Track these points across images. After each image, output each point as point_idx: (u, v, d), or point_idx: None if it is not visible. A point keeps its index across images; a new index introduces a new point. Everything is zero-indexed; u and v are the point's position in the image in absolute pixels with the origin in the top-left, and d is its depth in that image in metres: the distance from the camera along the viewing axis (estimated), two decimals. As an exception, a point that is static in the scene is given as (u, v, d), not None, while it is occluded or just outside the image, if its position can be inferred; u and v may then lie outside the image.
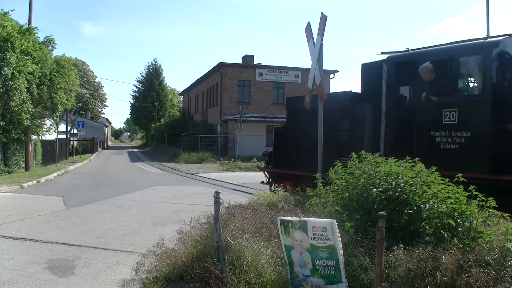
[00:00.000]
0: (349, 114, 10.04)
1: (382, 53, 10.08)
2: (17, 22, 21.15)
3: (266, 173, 13.44)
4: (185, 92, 61.90)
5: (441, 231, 4.43)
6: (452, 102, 8.21)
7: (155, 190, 16.72)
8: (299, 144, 11.42)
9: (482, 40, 8.31)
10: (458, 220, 4.50)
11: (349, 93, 10.66)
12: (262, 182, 14.39)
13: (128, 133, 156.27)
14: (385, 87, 9.39)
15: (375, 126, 9.39)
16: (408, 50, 9.57)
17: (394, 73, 9.32)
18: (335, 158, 8.28)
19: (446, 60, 8.40)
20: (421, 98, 8.60)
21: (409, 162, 5.09)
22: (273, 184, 12.37)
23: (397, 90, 9.60)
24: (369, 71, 10.22)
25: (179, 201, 13.83)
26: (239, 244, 5.37)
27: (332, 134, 9.96)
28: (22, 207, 12.20)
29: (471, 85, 8.50)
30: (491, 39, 8.19)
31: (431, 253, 4.09)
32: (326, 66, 10.57)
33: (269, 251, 5.07)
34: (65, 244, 8.03)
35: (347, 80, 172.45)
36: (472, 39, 8.59)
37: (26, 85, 20.73)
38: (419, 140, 8.65)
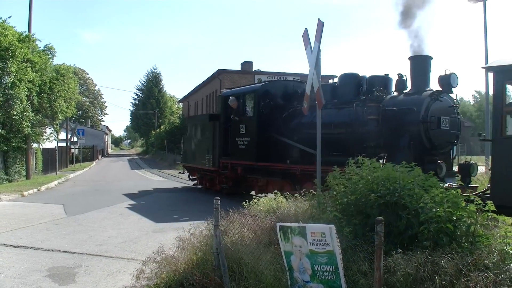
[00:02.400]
0: (208, 128, 17.07)
1: (225, 88, 20.69)
2: (16, 30, 21.20)
3: (183, 166, 21.73)
4: (185, 99, 62.03)
5: (440, 235, 4.43)
6: (242, 120, 15.10)
7: (155, 197, 16.72)
8: (193, 147, 18.97)
9: (256, 84, 15.92)
10: (456, 224, 4.51)
11: (207, 115, 20.21)
12: (180, 173, 24.27)
13: (128, 141, 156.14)
14: (222, 112, 16.54)
15: (220, 135, 16.21)
16: (233, 87, 16.89)
17: (224, 103, 16.23)
18: (204, 156, 17.18)
19: (240, 96, 15.53)
20: (231, 118, 15.50)
21: (406, 167, 5.12)
22: (189, 175, 20.79)
23: (227, 114, 16.03)
24: (219, 101, 17.72)
25: (179, 207, 13.88)
26: (238, 250, 5.40)
27: (202, 140, 17.71)
28: (23, 215, 12.21)
29: (250, 111, 15.07)
30: (259, 84, 16.42)
31: (430, 257, 4.09)
32: (325, 71, 11.06)
33: (268, 257, 5.09)
34: (66, 252, 8.05)
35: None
36: (257, 83, 16.97)
37: (26, 94, 20.76)
38: (232, 143, 15.62)
